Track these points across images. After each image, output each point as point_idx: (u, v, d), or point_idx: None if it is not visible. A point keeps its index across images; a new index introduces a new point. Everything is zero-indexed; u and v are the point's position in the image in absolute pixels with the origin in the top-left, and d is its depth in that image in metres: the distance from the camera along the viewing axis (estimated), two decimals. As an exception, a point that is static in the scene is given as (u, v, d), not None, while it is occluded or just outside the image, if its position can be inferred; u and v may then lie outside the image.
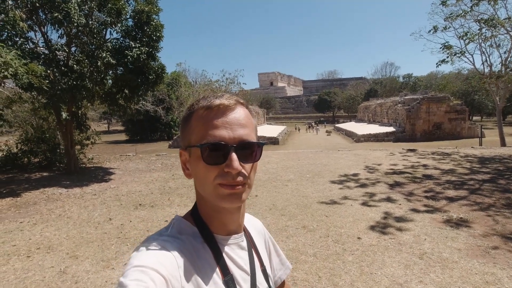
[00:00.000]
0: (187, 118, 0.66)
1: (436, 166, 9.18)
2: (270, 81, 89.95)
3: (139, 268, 0.53)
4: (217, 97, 0.64)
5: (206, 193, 0.64)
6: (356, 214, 5.25)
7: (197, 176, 0.64)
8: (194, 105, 0.66)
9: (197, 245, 0.64)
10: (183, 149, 0.67)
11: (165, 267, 0.54)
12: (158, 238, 0.62)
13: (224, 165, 0.60)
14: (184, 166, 0.69)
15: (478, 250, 3.74)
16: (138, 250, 0.58)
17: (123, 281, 0.51)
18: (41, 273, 3.49)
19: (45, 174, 9.73)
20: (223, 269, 0.64)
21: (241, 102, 0.67)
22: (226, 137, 0.61)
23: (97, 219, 5.37)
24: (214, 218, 0.67)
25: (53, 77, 7.54)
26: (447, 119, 26.78)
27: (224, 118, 0.62)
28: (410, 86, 51.61)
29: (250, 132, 0.65)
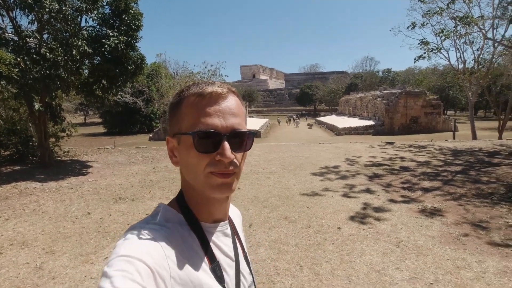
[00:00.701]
0: (177, 105, 0.65)
1: (412, 159, 9.52)
2: (252, 73, 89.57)
3: (125, 258, 0.51)
4: (209, 85, 0.64)
5: (196, 181, 0.63)
6: (337, 205, 5.37)
7: (187, 164, 0.63)
8: (185, 91, 0.64)
9: (184, 233, 0.63)
10: (171, 136, 0.66)
11: (152, 257, 0.53)
12: (144, 226, 0.60)
13: (216, 153, 0.60)
14: (172, 154, 0.67)
15: (450, 237, 3.94)
16: (124, 239, 0.57)
17: (108, 271, 0.49)
18: (15, 270, 3.36)
19: (17, 168, 9.29)
20: (210, 257, 0.64)
21: (233, 90, 0.66)
22: (218, 126, 0.61)
23: (74, 213, 5.21)
24: (201, 206, 0.66)
25: (24, 65, 7.15)
26: (423, 113, 27.74)
27: (216, 106, 0.62)
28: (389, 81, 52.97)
29: (242, 121, 0.65)
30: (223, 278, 0.64)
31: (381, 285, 2.90)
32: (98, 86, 9.41)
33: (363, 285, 2.91)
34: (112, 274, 0.48)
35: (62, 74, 7.65)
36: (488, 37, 15.29)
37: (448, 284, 2.88)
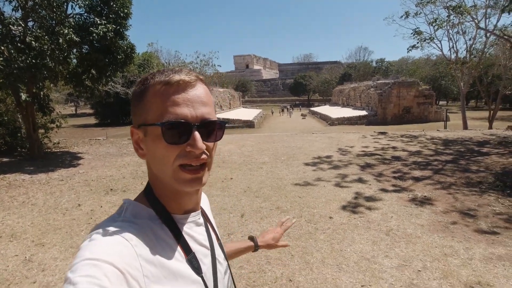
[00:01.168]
0: (141, 94, 0.60)
1: (404, 148, 9.60)
2: (245, 63, 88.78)
3: (90, 261, 0.47)
4: (175, 72, 0.60)
5: (165, 175, 0.60)
6: (329, 194, 5.41)
7: (155, 157, 0.60)
8: (149, 79, 0.60)
9: (155, 228, 0.60)
10: (136, 127, 0.62)
11: (121, 258, 0.50)
12: (111, 224, 0.56)
13: (186, 144, 0.58)
14: (137, 146, 0.63)
15: (439, 225, 4.00)
16: (90, 239, 0.53)
17: (72, 277, 0.45)
18: (4, 262, 3.32)
19: (5, 160, 9.12)
20: (185, 249, 0.62)
21: (201, 78, 0.64)
22: (188, 115, 0.58)
23: (65, 205, 5.15)
24: (171, 199, 0.64)
25: (8, 54, 6.93)
26: (416, 103, 27.95)
27: (185, 95, 0.59)
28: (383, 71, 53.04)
29: (211, 110, 0.63)
30: (200, 268, 0.63)
31: (370, 273, 2.94)
32: (87, 76, 9.20)
33: (353, 273, 2.94)
34: (76, 281, 0.44)
35: (49, 64, 7.45)
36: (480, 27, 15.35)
37: (435, 271, 2.93)
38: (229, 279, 0.77)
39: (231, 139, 12.67)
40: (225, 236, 3.87)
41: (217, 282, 0.68)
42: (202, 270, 0.64)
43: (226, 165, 7.90)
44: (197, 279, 0.61)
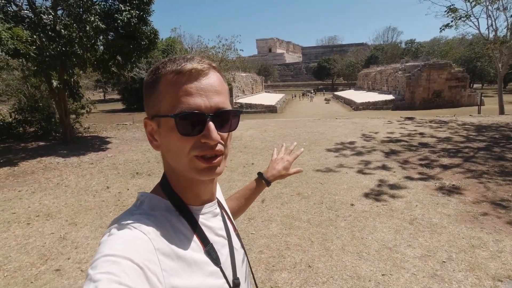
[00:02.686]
0: (153, 84, 0.59)
1: (432, 134, 9.19)
2: (268, 47, 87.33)
3: (110, 257, 0.47)
4: (187, 60, 0.58)
5: (180, 166, 0.60)
6: (351, 181, 5.32)
7: (170, 148, 0.60)
8: (161, 68, 0.59)
9: (172, 220, 0.60)
10: (149, 118, 0.61)
11: (140, 253, 0.50)
12: (129, 217, 0.56)
13: (201, 135, 0.57)
14: (151, 137, 0.63)
15: (467, 216, 3.84)
16: (109, 234, 0.53)
17: (92, 274, 0.45)
18: (41, 239, 3.59)
19: (42, 144, 9.70)
20: (203, 240, 0.63)
21: (214, 66, 0.62)
22: (202, 106, 0.56)
23: (94, 187, 5.43)
24: (187, 190, 0.64)
25: (40, 42, 7.23)
26: (447, 86, 26.42)
27: (198, 85, 0.57)
28: (412, 53, 50.33)
29: (225, 99, 0.61)
30: (218, 259, 0.63)
31: (391, 262, 2.90)
32: (113, 63, 9.45)
33: (374, 262, 2.91)
34: (97, 278, 0.44)
35: (78, 51, 7.71)
36: (524, 2, 14.04)
37: (461, 263, 2.84)
38: (247, 266, 0.78)
39: (253, 124, 12.67)
40: (246, 221, 3.94)
41: (235, 271, 0.68)
42: (221, 261, 0.64)
43: (248, 150, 7.95)
44: (215, 270, 0.62)
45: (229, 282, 0.64)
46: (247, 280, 0.76)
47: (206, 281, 0.59)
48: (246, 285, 0.74)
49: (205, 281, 0.59)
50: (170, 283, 0.52)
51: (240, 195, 1.04)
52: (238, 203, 1.03)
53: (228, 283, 0.64)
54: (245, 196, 1.04)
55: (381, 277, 2.68)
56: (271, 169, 1.07)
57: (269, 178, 1.06)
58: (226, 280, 0.64)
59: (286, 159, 1.10)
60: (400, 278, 2.66)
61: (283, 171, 1.08)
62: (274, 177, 1.07)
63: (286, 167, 1.09)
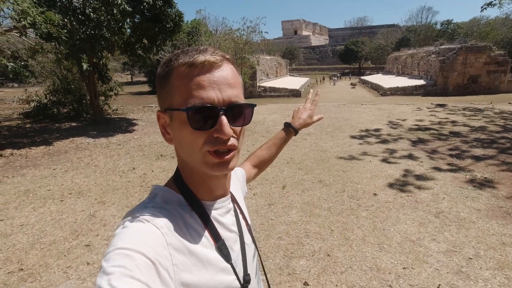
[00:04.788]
0: (166, 76, 0.58)
1: (465, 123, 8.69)
2: (294, 29, 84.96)
3: (123, 251, 0.47)
4: (200, 52, 0.57)
5: (193, 160, 0.59)
6: (375, 170, 5.19)
7: (182, 142, 0.59)
8: (173, 60, 0.57)
9: (184, 214, 0.60)
10: (162, 111, 0.60)
11: (152, 247, 0.50)
12: (143, 210, 0.56)
13: (214, 130, 0.55)
14: (164, 131, 0.62)
15: (499, 211, 3.65)
16: (123, 227, 0.53)
17: (106, 266, 0.46)
18: (73, 216, 3.82)
19: (74, 124, 10.18)
20: (214, 236, 0.62)
21: (227, 58, 0.59)
22: (214, 99, 0.55)
23: (121, 168, 5.66)
24: (200, 184, 0.63)
25: (71, 26, 7.45)
26: (485, 71, 24.62)
27: (210, 77, 0.55)
28: (448, 34, 47.10)
29: (239, 92, 0.59)
30: (229, 255, 0.63)
31: (414, 256, 2.82)
32: (139, 46, 9.61)
33: (395, 254, 2.86)
34: (110, 271, 0.45)
35: (106, 34, 7.88)
36: None
37: (489, 261, 2.72)
38: (257, 261, 0.77)
39: (277, 109, 12.56)
40: (266, 207, 3.97)
41: (246, 267, 0.68)
42: (232, 257, 0.64)
43: (270, 135, 7.89)
44: (226, 266, 0.62)
45: (239, 279, 0.64)
46: (257, 275, 0.76)
47: (217, 277, 0.59)
48: (257, 280, 0.74)
49: (215, 277, 0.59)
50: (181, 278, 0.53)
51: (271, 144, 1.09)
52: (269, 152, 1.08)
53: (239, 280, 0.64)
54: (276, 144, 1.09)
55: (401, 270, 2.63)
56: (297, 119, 1.12)
57: (296, 127, 1.11)
58: (237, 276, 0.64)
59: (308, 108, 1.15)
60: (422, 272, 2.59)
61: (308, 119, 1.13)
62: (301, 126, 1.12)
63: (310, 115, 1.14)
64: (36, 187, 4.78)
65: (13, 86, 29.21)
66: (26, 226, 3.56)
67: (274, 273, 2.68)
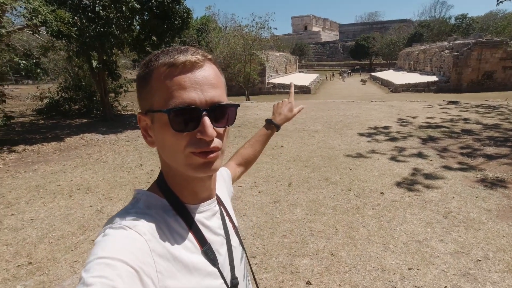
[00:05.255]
0: (146, 77, 0.57)
1: (478, 121, 8.47)
2: (304, 25, 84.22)
3: (104, 260, 0.46)
4: (181, 52, 0.55)
5: (176, 162, 0.58)
6: (382, 168, 5.11)
7: (164, 145, 0.57)
8: (153, 61, 0.56)
9: (168, 219, 0.59)
10: (143, 113, 0.59)
11: (135, 255, 0.48)
12: (125, 216, 0.54)
13: (197, 131, 0.54)
14: (146, 133, 0.61)
15: (511, 212, 3.54)
16: (103, 235, 0.51)
17: (86, 277, 0.44)
18: (81, 211, 3.89)
19: (84, 121, 10.36)
20: (200, 240, 0.61)
21: (209, 57, 0.58)
22: (196, 100, 0.54)
23: (129, 164, 5.73)
24: (184, 187, 0.62)
25: (81, 23, 7.54)
26: (501, 67, 23.93)
27: (192, 78, 0.54)
28: (463, 29, 45.90)
29: (222, 92, 0.58)
30: (216, 259, 0.62)
31: (420, 256, 2.77)
32: (148, 43, 9.68)
33: (400, 255, 2.81)
34: (90, 282, 0.43)
35: (115, 32, 7.96)
36: None
37: (498, 263, 2.65)
38: (246, 264, 0.76)
39: (284, 106, 12.48)
40: (271, 205, 3.96)
41: (234, 270, 0.67)
42: (219, 261, 0.62)
43: (278, 132, 7.78)
44: (213, 270, 0.60)
45: (227, 283, 0.63)
46: (245, 278, 0.74)
47: (203, 282, 0.58)
48: (245, 283, 0.73)
49: (202, 282, 0.58)
50: (166, 285, 0.51)
51: (254, 141, 1.10)
52: (253, 150, 1.09)
53: (226, 284, 0.63)
54: (259, 141, 1.10)
55: (407, 271, 2.59)
56: (278, 115, 1.13)
57: (278, 122, 1.12)
58: (224, 280, 0.63)
59: (287, 102, 1.16)
60: (428, 273, 2.55)
61: (288, 113, 1.14)
62: (282, 121, 1.13)
63: (290, 109, 1.15)
64: (47, 182, 4.89)
65: (28, 83, 29.90)
66: (36, 221, 3.65)
67: (277, 271, 2.67)
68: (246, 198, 4.16)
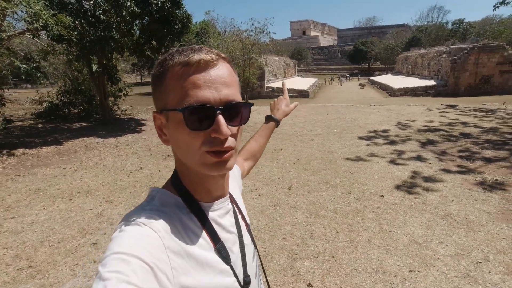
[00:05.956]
0: (160, 76, 0.57)
1: (476, 124, 8.52)
2: (302, 30, 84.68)
3: (120, 255, 0.47)
4: (195, 51, 0.56)
5: (191, 161, 0.58)
6: (382, 171, 5.13)
7: (179, 143, 0.58)
8: (168, 60, 0.57)
9: (183, 217, 0.59)
10: (158, 112, 0.59)
11: (149, 251, 0.49)
12: (140, 213, 0.55)
13: (211, 130, 0.55)
14: (161, 132, 0.61)
15: (510, 214, 3.56)
16: (120, 230, 0.52)
17: (102, 271, 0.45)
18: (81, 214, 3.88)
19: (84, 124, 10.35)
20: (213, 237, 0.62)
21: (223, 56, 0.59)
22: (210, 99, 0.54)
23: (129, 167, 5.73)
24: (198, 185, 0.63)
25: (81, 28, 7.58)
26: (498, 71, 24.09)
27: (206, 76, 0.55)
28: (460, 34, 46.26)
29: (235, 91, 0.59)
30: (228, 257, 0.63)
31: (420, 259, 2.78)
32: (148, 47, 9.72)
33: (401, 257, 2.82)
34: (106, 277, 0.44)
35: (115, 36, 8.00)
36: None
37: (498, 265, 2.66)
38: (257, 262, 0.77)
39: (283, 110, 12.53)
40: (271, 208, 3.97)
41: (246, 268, 0.68)
42: (231, 259, 0.63)
43: (277, 136, 7.91)
44: (225, 268, 0.61)
45: (239, 280, 0.64)
46: (257, 276, 0.75)
47: (216, 280, 0.59)
48: (257, 281, 0.74)
49: (215, 280, 0.58)
50: (180, 281, 0.52)
51: (258, 136, 1.13)
52: (257, 143, 1.12)
53: (239, 281, 0.64)
54: (262, 136, 1.14)
55: (408, 273, 2.59)
56: (276, 111, 1.18)
57: (278, 117, 1.16)
58: (237, 278, 0.63)
59: (283, 98, 1.22)
60: (428, 275, 2.55)
61: (286, 108, 1.19)
62: (281, 115, 1.18)
63: (287, 104, 1.20)
64: (46, 186, 4.88)
65: (27, 87, 29.88)
66: (36, 224, 3.64)
67: (278, 274, 2.67)
68: (246, 201, 4.16)
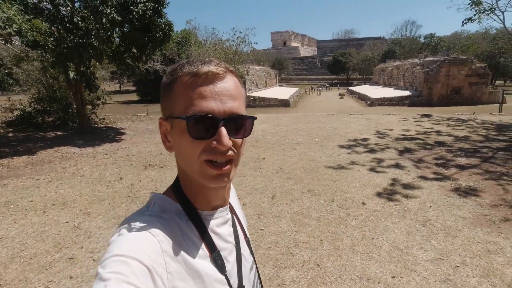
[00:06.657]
0: (169, 85, 0.59)
1: (449, 133, 8.93)
2: (283, 40, 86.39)
3: (119, 257, 0.48)
4: (204, 63, 0.58)
5: (191, 169, 0.60)
6: (363, 179, 5.24)
7: (181, 151, 0.60)
8: (178, 70, 0.59)
9: (181, 224, 0.60)
10: (164, 119, 0.61)
11: (148, 254, 0.51)
12: (139, 218, 0.57)
13: (213, 139, 0.56)
14: (165, 138, 0.63)
15: (484, 219, 3.72)
16: (119, 234, 0.54)
17: (102, 272, 0.46)
18: (56, 228, 3.69)
19: (59, 133, 9.96)
20: (210, 246, 0.62)
21: (231, 70, 0.61)
22: (215, 110, 0.56)
23: (108, 178, 5.54)
24: (198, 194, 0.63)
25: (58, 34, 7.36)
26: (467, 83, 25.50)
27: (213, 88, 0.56)
28: (432, 47, 48.74)
29: (240, 104, 0.60)
30: (224, 266, 0.63)
31: (402, 264, 2.84)
32: (128, 55, 9.56)
33: (384, 263, 2.86)
34: (106, 277, 0.45)
35: (94, 43, 7.81)
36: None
37: (475, 268, 2.76)
38: (255, 274, 0.77)
39: (266, 118, 12.62)
40: (255, 217, 3.94)
41: (241, 279, 0.68)
42: (227, 269, 0.63)
43: (260, 145, 7.93)
44: (220, 277, 0.61)
45: None
46: None
47: None
48: None
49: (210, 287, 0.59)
50: (174, 286, 0.53)
51: None
52: None
53: None
54: None
55: (391, 279, 2.63)
56: None
57: None
58: (230, 287, 0.63)
59: None
60: (410, 281, 2.61)
61: None
62: None
63: None
64: (18, 198, 4.62)
65: (-3, 94, 28.48)
66: (6, 239, 3.42)
67: (264, 284, 2.64)
68: (230, 211, 4.11)
